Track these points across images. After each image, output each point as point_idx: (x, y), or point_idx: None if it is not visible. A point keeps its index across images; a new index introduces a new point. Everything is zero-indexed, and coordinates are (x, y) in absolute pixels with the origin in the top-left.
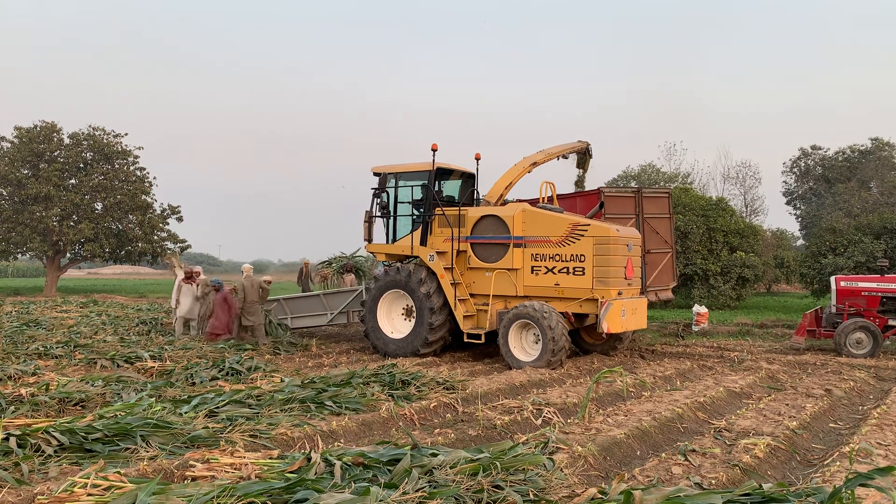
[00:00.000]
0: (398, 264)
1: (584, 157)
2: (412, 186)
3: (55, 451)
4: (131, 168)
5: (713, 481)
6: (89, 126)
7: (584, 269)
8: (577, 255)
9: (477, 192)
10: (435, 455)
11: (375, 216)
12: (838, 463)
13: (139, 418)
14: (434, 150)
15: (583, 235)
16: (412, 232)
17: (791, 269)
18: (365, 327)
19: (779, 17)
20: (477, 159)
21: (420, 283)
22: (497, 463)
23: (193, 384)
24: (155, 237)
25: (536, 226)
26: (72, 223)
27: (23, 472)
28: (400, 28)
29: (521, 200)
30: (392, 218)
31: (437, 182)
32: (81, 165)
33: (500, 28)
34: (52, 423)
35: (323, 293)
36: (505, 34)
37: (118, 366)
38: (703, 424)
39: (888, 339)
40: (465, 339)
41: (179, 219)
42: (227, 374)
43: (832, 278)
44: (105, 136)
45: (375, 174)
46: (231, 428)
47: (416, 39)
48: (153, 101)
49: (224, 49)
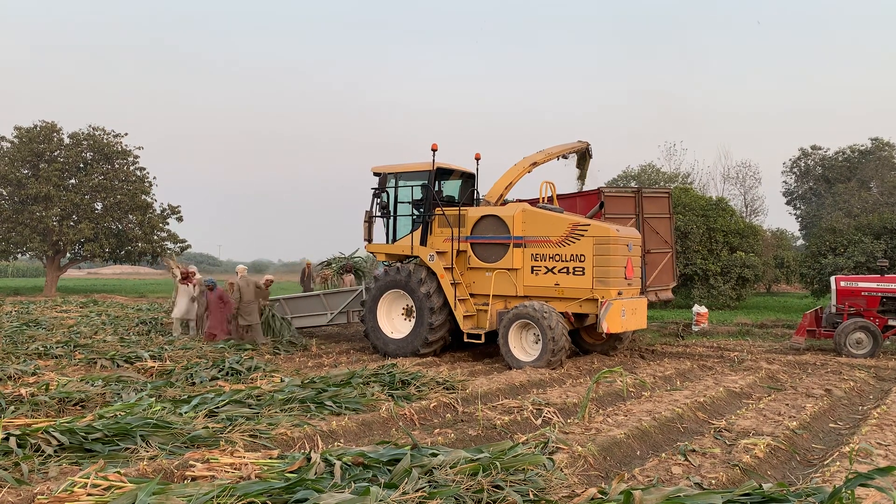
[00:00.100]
0: (398, 264)
1: (584, 157)
2: (412, 186)
3: (55, 451)
4: (131, 168)
5: (713, 481)
6: (89, 126)
7: (584, 269)
8: (577, 255)
9: (477, 192)
10: (435, 455)
11: (375, 216)
12: (838, 463)
13: (139, 418)
14: (434, 150)
15: (583, 235)
16: (412, 232)
17: (791, 269)
18: (365, 327)
19: (779, 17)
20: (477, 159)
21: (420, 283)
22: (497, 463)
23: (193, 384)
24: (155, 237)
25: (536, 226)
26: (72, 223)
27: (23, 471)
28: (400, 28)
29: (521, 200)
30: (392, 218)
31: (437, 182)
32: (81, 165)
33: (500, 28)
34: (52, 423)
35: (323, 293)
36: (505, 34)
37: (118, 366)
38: (703, 424)
39: (888, 339)
40: (465, 339)
41: (179, 219)
42: (227, 374)
43: (832, 278)
44: (105, 136)
45: (375, 174)
46: (231, 428)
47: (416, 39)
48: (153, 101)
49: (224, 49)
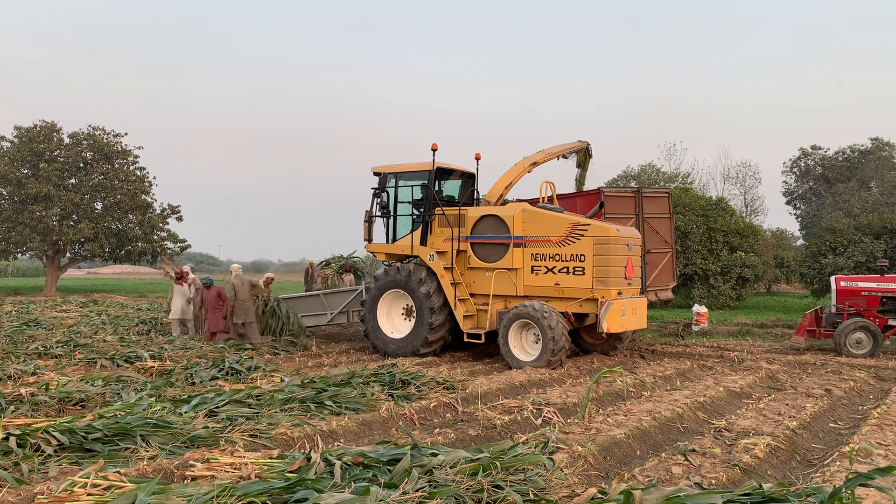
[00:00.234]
0: (398, 264)
1: (584, 157)
2: (412, 186)
3: (55, 451)
4: (131, 168)
5: (713, 481)
6: (89, 126)
7: (584, 268)
8: (577, 255)
9: (477, 192)
10: (435, 455)
11: (375, 216)
12: (838, 463)
13: (139, 418)
14: (434, 150)
15: (583, 235)
16: (412, 232)
17: (791, 269)
18: (365, 327)
19: (779, 17)
20: (477, 159)
21: (420, 283)
22: (497, 463)
23: (193, 384)
24: (155, 237)
25: (536, 225)
26: (72, 223)
27: (23, 471)
28: (400, 28)
29: (521, 200)
30: (392, 218)
31: (437, 182)
32: (81, 165)
33: (500, 28)
34: (51, 422)
35: (323, 293)
36: (505, 34)
37: (118, 365)
38: (703, 424)
39: (888, 339)
40: (465, 339)
41: (179, 218)
42: (227, 373)
43: (832, 278)
44: (105, 136)
45: (375, 174)
46: (231, 428)
47: (417, 39)
48: (153, 101)
49: (224, 49)
